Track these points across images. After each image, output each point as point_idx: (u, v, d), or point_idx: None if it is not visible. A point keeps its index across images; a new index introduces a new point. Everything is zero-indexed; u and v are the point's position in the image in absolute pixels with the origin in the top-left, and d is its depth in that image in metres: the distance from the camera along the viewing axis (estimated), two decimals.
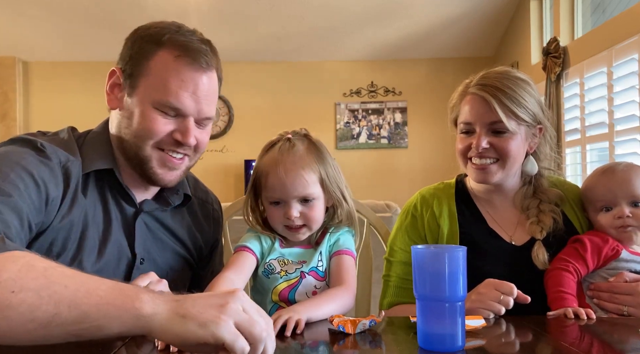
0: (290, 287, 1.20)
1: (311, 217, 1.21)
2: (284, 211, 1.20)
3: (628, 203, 1.19)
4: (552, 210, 1.27)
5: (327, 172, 1.22)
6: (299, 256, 1.23)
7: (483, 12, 5.09)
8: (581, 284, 1.19)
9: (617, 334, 0.98)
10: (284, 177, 1.17)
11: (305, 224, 1.21)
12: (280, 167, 1.18)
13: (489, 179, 1.26)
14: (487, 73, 1.27)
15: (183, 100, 1.09)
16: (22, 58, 5.57)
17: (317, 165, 1.20)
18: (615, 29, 3.41)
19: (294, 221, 1.19)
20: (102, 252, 1.10)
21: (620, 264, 1.17)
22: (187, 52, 1.09)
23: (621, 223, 1.18)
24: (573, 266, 1.16)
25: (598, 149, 3.72)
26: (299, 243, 1.26)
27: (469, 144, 1.26)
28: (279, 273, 1.21)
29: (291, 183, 1.17)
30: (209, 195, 1.37)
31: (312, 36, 5.37)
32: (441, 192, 1.36)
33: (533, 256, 1.21)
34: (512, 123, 1.21)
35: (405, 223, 1.36)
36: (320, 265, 1.23)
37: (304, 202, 1.20)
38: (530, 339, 0.95)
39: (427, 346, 0.84)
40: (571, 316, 1.04)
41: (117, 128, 1.15)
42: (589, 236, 1.20)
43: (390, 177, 5.83)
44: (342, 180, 1.27)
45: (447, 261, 0.83)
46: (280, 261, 1.22)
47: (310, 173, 1.19)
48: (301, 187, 1.18)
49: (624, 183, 1.20)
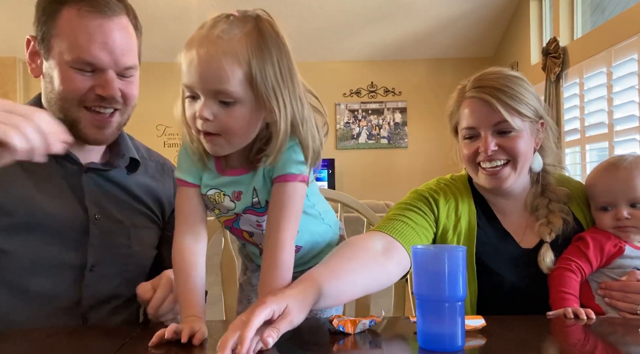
0: (232, 220, 1.08)
1: (227, 125, 0.92)
2: (198, 108, 0.92)
3: (627, 204, 1.18)
4: (562, 210, 1.24)
5: (263, 72, 0.91)
6: (233, 185, 1.02)
7: (483, 12, 5.09)
8: (588, 284, 1.19)
9: (618, 334, 0.98)
10: (196, 59, 0.90)
11: (221, 133, 0.94)
12: (195, 47, 0.90)
13: (502, 184, 1.21)
14: (482, 76, 1.24)
15: (95, 54, 1.08)
16: (22, 58, 5.57)
17: (250, 57, 0.91)
18: (614, 29, 3.41)
19: (204, 123, 0.92)
20: (52, 210, 1.11)
21: (626, 261, 1.17)
22: (89, 4, 1.08)
23: (619, 224, 1.18)
24: (576, 264, 1.15)
25: (598, 149, 3.72)
26: (233, 167, 1.03)
27: (475, 149, 1.21)
28: (213, 210, 1.07)
29: (204, 70, 0.90)
30: (166, 160, 1.37)
31: (312, 36, 5.37)
32: (460, 185, 1.31)
33: (539, 260, 1.18)
34: (517, 120, 1.18)
35: (414, 200, 1.27)
36: (257, 202, 1.02)
37: (223, 104, 0.92)
38: (530, 339, 0.95)
39: (427, 346, 0.84)
40: (571, 316, 1.03)
41: (44, 95, 1.16)
42: (592, 233, 1.20)
43: (390, 177, 5.83)
44: (299, 99, 0.96)
45: (447, 261, 0.83)
46: (217, 195, 1.03)
47: (234, 66, 0.90)
48: (216, 79, 0.90)
49: (625, 183, 1.18)
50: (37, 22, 1.13)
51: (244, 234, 1.11)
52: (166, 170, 1.35)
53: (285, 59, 0.94)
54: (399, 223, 1.19)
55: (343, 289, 0.97)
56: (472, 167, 1.25)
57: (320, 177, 5.63)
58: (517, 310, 1.11)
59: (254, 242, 1.13)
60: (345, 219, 1.56)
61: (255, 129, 0.96)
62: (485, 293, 1.20)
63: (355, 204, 1.53)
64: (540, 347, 0.92)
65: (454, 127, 1.29)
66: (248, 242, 1.14)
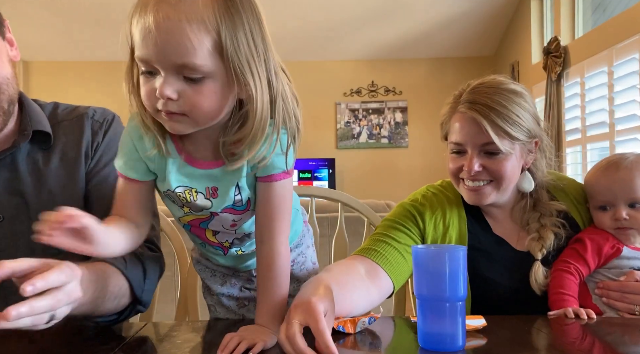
0: (200, 220, 0.95)
1: (194, 103, 0.78)
2: (157, 86, 0.77)
3: (626, 204, 1.17)
4: (554, 223, 1.21)
5: (235, 40, 0.76)
6: (206, 180, 0.89)
7: (484, 11, 5.09)
8: (585, 283, 1.18)
9: (618, 334, 0.98)
10: (153, 27, 0.73)
11: (183, 111, 0.79)
12: (152, 10, 0.74)
13: (482, 201, 1.20)
14: (477, 88, 1.18)
15: None
16: (22, 58, 5.56)
17: (219, 23, 0.75)
18: (615, 29, 3.41)
19: (167, 103, 0.77)
20: None
21: (622, 262, 1.16)
22: None
23: (618, 225, 1.17)
24: (574, 267, 1.15)
25: (599, 149, 3.72)
26: (205, 158, 0.88)
27: (460, 165, 1.19)
28: (181, 208, 0.93)
29: (164, 40, 0.73)
30: (78, 109, 1.16)
31: (312, 36, 5.37)
32: (450, 192, 1.29)
33: (531, 280, 1.16)
34: (506, 143, 1.14)
35: (399, 216, 1.26)
36: (239, 200, 0.91)
37: (188, 80, 0.77)
38: (531, 339, 0.95)
39: (427, 346, 0.84)
40: (571, 316, 1.03)
41: None
42: (590, 234, 1.19)
43: (391, 177, 5.83)
44: (274, 70, 0.82)
45: (447, 261, 0.82)
46: (187, 192, 0.89)
47: (201, 33, 0.74)
48: (180, 51, 0.74)
49: (625, 183, 1.17)
50: None
51: (207, 234, 1.01)
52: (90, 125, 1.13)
53: (258, 25, 0.80)
54: (382, 244, 1.18)
55: (341, 301, 0.92)
56: (455, 181, 1.24)
57: (321, 177, 5.63)
58: (513, 315, 1.10)
59: (217, 242, 1.03)
60: (345, 219, 1.56)
61: (226, 108, 0.82)
62: (479, 299, 1.19)
63: (356, 204, 1.52)
64: (540, 347, 0.91)
65: (444, 136, 1.27)
66: (209, 243, 1.04)
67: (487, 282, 1.19)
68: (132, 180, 0.90)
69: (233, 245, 1.04)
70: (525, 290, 1.17)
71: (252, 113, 0.81)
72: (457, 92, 1.23)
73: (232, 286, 1.13)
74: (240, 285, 1.14)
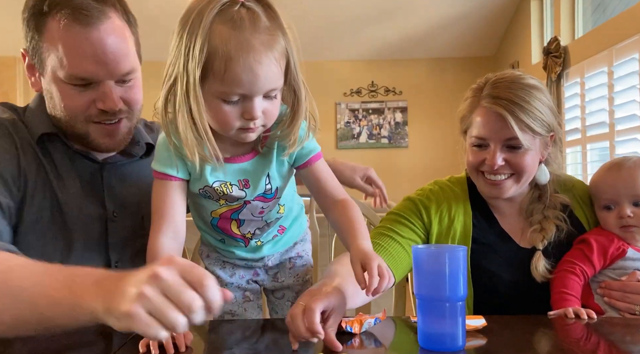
0: (232, 210, 1.03)
1: (272, 114, 0.91)
2: (244, 109, 0.87)
3: (630, 203, 1.18)
4: (557, 216, 1.23)
5: (293, 55, 0.90)
6: (241, 173, 0.99)
7: (484, 12, 5.09)
8: (588, 284, 1.19)
9: (618, 334, 0.98)
10: (257, 66, 0.83)
11: (264, 124, 0.92)
12: (251, 53, 0.83)
13: (502, 194, 1.21)
14: (499, 82, 1.20)
15: (87, 68, 1.00)
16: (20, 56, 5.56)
17: (285, 45, 0.88)
18: (615, 29, 3.41)
19: (255, 121, 0.89)
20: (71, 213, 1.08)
21: (627, 263, 1.17)
22: (70, 15, 0.99)
23: (623, 223, 1.18)
24: (579, 268, 1.16)
25: (599, 149, 3.72)
26: (237, 154, 0.99)
27: (482, 159, 1.20)
28: (217, 201, 1.01)
29: (265, 74, 0.85)
30: (155, 124, 1.29)
31: (312, 36, 5.37)
32: (457, 187, 1.30)
33: (532, 268, 1.18)
34: (528, 137, 1.16)
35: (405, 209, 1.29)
36: (269, 188, 1.01)
37: (268, 98, 0.89)
38: (531, 339, 0.95)
39: (427, 346, 0.84)
40: (572, 316, 1.03)
41: (49, 108, 1.11)
42: (595, 235, 1.20)
43: (391, 177, 5.80)
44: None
45: (447, 261, 0.82)
46: (223, 186, 0.98)
47: (282, 61, 0.87)
48: (273, 78, 0.87)
49: (628, 182, 1.18)
50: (25, 36, 1.07)
51: (232, 226, 1.07)
52: None
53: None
54: (386, 238, 1.21)
55: (351, 295, 0.97)
56: (475, 174, 1.24)
57: None
58: (515, 311, 1.11)
59: (240, 234, 1.09)
60: None
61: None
62: (482, 294, 1.20)
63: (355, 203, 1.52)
64: (541, 347, 0.91)
65: (464, 130, 1.27)
66: (232, 236, 1.09)
67: (489, 275, 1.20)
68: (173, 178, 0.97)
69: (254, 235, 1.10)
70: (527, 283, 1.18)
71: (299, 113, 0.94)
72: (476, 85, 1.24)
73: (240, 278, 1.18)
74: (249, 277, 1.18)
